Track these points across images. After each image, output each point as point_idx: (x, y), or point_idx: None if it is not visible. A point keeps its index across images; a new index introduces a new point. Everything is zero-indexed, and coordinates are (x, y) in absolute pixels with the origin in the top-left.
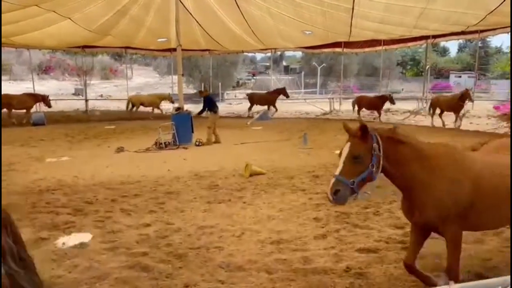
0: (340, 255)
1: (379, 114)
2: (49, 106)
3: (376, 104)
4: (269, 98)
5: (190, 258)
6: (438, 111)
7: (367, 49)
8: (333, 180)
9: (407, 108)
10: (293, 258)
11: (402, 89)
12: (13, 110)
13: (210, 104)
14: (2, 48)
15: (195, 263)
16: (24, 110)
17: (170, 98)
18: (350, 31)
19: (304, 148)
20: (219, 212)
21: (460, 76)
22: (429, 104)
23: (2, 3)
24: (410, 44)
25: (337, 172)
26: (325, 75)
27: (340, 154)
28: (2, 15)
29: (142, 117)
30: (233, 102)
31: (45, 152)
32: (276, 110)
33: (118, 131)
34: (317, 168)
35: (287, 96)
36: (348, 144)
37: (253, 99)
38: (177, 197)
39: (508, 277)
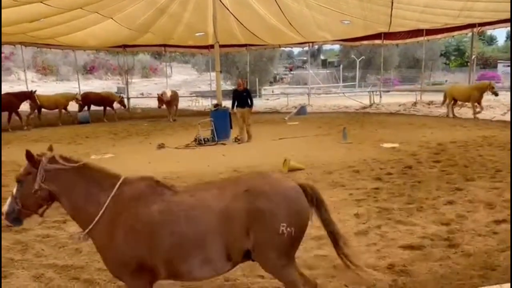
0: (383, 251)
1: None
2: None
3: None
4: None
5: None
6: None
7: (408, 40)
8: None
9: None
10: (333, 254)
11: (446, 81)
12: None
13: (251, 97)
14: (49, 48)
15: None
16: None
17: (492, 89)
18: (390, 21)
19: (343, 143)
20: None
21: (509, 65)
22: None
23: (48, 7)
24: (454, 33)
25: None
26: (364, 68)
27: None
28: (48, 18)
29: (181, 114)
30: (270, 98)
31: (90, 149)
32: None
33: (159, 128)
34: (357, 163)
35: None
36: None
37: None
38: None
39: (508, 284)
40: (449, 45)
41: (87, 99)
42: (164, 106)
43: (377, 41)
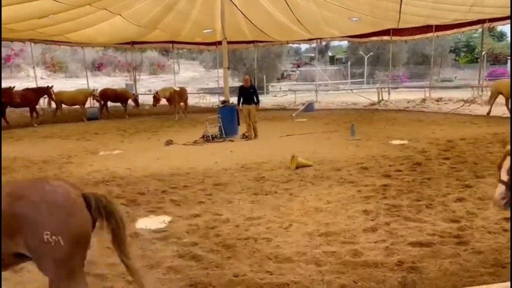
0: (391, 248)
1: None
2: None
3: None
4: None
5: (239, 249)
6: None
7: (417, 36)
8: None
9: (461, 97)
10: (342, 250)
11: (455, 77)
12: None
13: (257, 94)
14: (59, 46)
15: (244, 254)
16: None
17: None
18: (399, 17)
19: (352, 140)
20: (266, 203)
21: None
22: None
23: (56, 3)
24: (464, 29)
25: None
26: (373, 64)
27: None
28: (57, 14)
29: (189, 111)
30: (278, 95)
31: (99, 145)
32: None
33: (167, 124)
34: (365, 160)
35: None
36: None
37: None
38: (225, 189)
39: (508, 283)
40: (459, 41)
41: (105, 95)
42: (166, 103)
43: (386, 37)
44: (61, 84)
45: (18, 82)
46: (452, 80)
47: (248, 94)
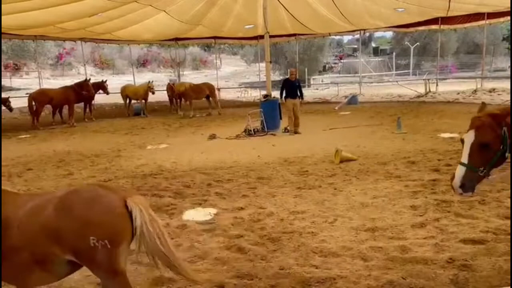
0: (442, 245)
1: None
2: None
3: None
4: None
5: (284, 242)
6: None
7: (467, 24)
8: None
9: None
10: (389, 246)
11: (510, 67)
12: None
13: (301, 88)
14: (107, 43)
15: (289, 247)
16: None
17: None
18: (449, 5)
19: (398, 133)
20: (310, 198)
21: None
22: None
23: (106, 0)
24: None
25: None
26: (419, 55)
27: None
28: (106, 12)
29: (231, 106)
30: (320, 87)
31: (146, 139)
32: None
33: (209, 119)
34: (413, 154)
35: None
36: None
37: None
38: (268, 182)
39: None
40: None
41: (172, 89)
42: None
43: (434, 27)
44: (109, 81)
45: (70, 79)
46: (506, 69)
47: (293, 87)
